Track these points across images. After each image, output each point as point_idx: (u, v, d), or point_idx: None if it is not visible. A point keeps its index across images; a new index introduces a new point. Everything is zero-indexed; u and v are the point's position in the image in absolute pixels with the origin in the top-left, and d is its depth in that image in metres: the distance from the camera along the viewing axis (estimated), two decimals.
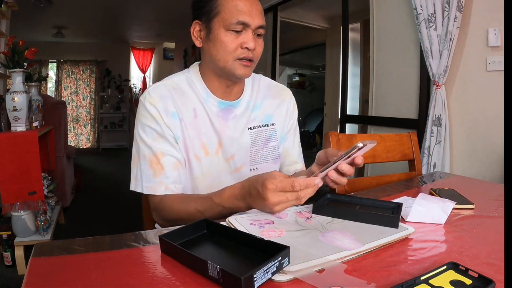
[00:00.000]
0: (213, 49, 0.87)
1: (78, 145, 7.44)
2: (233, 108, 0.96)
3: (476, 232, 0.71)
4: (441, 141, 2.02)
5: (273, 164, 1.02)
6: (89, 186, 4.19)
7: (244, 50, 0.85)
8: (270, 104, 1.03)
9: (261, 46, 0.89)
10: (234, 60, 0.86)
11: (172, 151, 0.89)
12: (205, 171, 0.92)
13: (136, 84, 8.05)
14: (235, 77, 0.90)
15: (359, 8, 3.15)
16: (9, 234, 2.13)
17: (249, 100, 0.99)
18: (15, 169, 2.02)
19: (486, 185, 1.20)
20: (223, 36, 0.84)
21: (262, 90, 1.03)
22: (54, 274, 0.52)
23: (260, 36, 0.89)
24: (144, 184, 0.88)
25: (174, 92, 0.91)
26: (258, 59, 0.91)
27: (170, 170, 0.88)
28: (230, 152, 0.95)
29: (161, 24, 6.26)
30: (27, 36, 5.62)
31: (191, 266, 0.53)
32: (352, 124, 3.38)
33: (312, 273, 0.51)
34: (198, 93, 0.93)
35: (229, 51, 0.85)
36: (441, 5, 1.94)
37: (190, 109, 0.91)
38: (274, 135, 1.02)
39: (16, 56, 2.05)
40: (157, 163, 0.87)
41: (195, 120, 0.92)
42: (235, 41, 0.85)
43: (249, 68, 0.89)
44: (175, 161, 0.89)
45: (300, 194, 0.66)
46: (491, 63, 1.89)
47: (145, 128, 0.89)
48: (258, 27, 0.86)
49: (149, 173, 0.88)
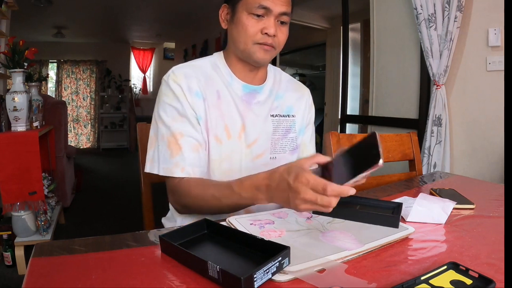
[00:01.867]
0: (235, 31, 0.88)
1: (79, 145, 7.44)
2: (257, 93, 0.96)
3: (476, 232, 0.71)
4: (441, 141, 2.01)
5: (290, 155, 1.01)
6: (90, 186, 4.19)
7: (264, 36, 0.85)
8: (291, 96, 1.03)
9: (284, 34, 0.89)
10: (253, 44, 0.86)
11: (193, 132, 0.86)
12: (224, 155, 0.90)
13: (137, 84, 8.06)
14: (254, 61, 0.89)
15: (359, 8, 3.15)
16: (10, 234, 2.13)
17: (272, 89, 1.00)
18: (16, 169, 2.01)
19: (486, 185, 1.20)
20: (244, 19, 0.85)
21: (284, 82, 1.04)
22: (55, 274, 0.52)
23: (284, 23, 0.88)
24: (161, 165, 0.86)
25: (199, 73, 0.91)
26: (281, 47, 0.90)
27: (188, 151, 0.85)
28: (253, 136, 0.93)
29: (161, 24, 6.26)
30: (27, 36, 5.63)
31: (191, 266, 0.53)
32: (352, 124, 3.38)
33: (312, 273, 0.51)
34: (222, 76, 0.93)
35: (249, 34, 0.85)
36: (441, 5, 1.94)
37: (213, 90, 0.91)
38: (294, 126, 1.02)
39: (16, 56, 2.05)
40: (175, 143, 0.85)
41: (218, 101, 0.90)
42: (256, 26, 0.85)
43: (268, 52, 0.88)
44: (195, 142, 0.86)
45: (332, 201, 0.59)
46: (491, 63, 1.88)
47: (166, 107, 0.87)
48: (281, 13, 0.85)
49: (166, 154, 0.85)
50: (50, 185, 2.46)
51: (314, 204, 0.60)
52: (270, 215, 0.77)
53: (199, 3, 4.66)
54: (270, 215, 0.77)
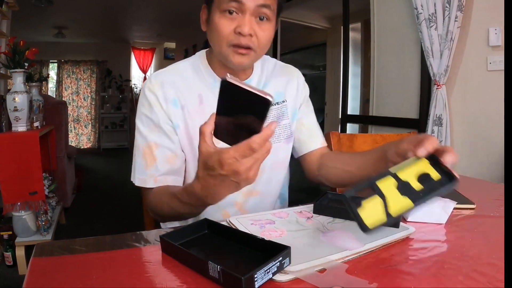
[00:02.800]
0: (210, 34, 0.81)
1: (79, 145, 7.45)
2: None
3: (477, 232, 0.71)
4: (441, 141, 2.01)
5: (285, 144, 0.96)
6: (90, 186, 4.19)
7: (237, 36, 0.75)
8: (279, 82, 0.96)
9: (266, 32, 0.77)
10: (228, 46, 0.77)
11: (168, 142, 0.84)
12: None
13: (137, 84, 8.06)
14: (232, 66, 0.80)
15: (359, 8, 3.15)
16: (10, 234, 2.13)
17: (259, 80, 0.93)
18: (16, 169, 2.02)
19: (487, 185, 1.20)
20: (217, 18, 0.76)
21: (270, 69, 0.98)
22: (55, 274, 0.52)
23: (266, 19, 0.77)
24: (137, 175, 0.85)
25: (178, 79, 0.86)
26: (264, 48, 0.80)
27: (162, 163, 0.83)
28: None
29: (162, 24, 6.26)
30: (28, 36, 5.62)
31: (192, 266, 0.53)
32: (353, 124, 3.38)
33: (313, 273, 0.51)
34: (204, 79, 0.88)
35: (222, 35, 0.76)
36: (442, 4, 1.94)
37: (194, 95, 0.86)
38: (286, 112, 0.96)
39: (17, 56, 2.06)
40: (150, 154, 0.84)
41: (200, 106, 0.86)
42: (229, 25, 0.75)
43: (245, 56, 0.78)
44: (170, 154, 0.84)
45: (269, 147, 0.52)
46: (491, 63, 1.88)
47: (142, 117, 0.86)
48: (259, 6, 0.74)
49: (142, 164, 0.85)
50: (50, 185, 2.47)
51: (257, 162, 0.53)
52: (271, 215, 0.76)
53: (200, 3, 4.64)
54: (271, 215, 0.76)
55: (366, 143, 1.28)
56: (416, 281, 0.51)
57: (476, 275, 0.52)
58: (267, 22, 0.78)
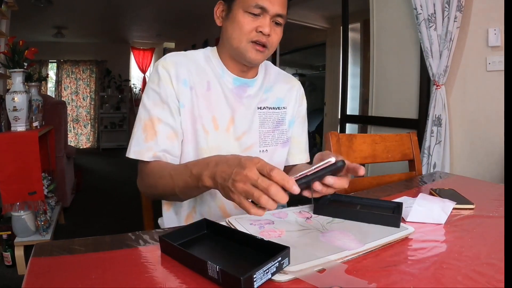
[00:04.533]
0: (229, 28, 0.88)
1: (78, 145, 7.44)
2: (247, 86, 0.96)
3: (476, 232, 0.71)
4: (441, 141, 2.02)
5: (281, 147, 1.02)
6: (89, 186, 4.19)
7: (259, 34, 0.86)
8: (281, 88, 1.04)
9: (278, 35, 0.89)
10: (247, 42, 0.87)
11: (170, 120, 0.87)
12: (211, 145, 0.90)
13: (136, 84, 8.05)
14: (246, 61, 0.90)
15: (359, 8, 3.15)
16: (9, 234, 2.13)
17: (263, 82, 1.00)
18: (15, 169, 2.01)
19: (486, 185, 1.20)
20: (240, 16, 0.85)
21: (273, 74, 1.05)
22: (54, 274, 0.52)
23: (279, 25, 0.89)
24: (133, 148, 0.86)
25: (191, 62, 0.92)
26: (274, 48, 0.91)
27: (162, 138, 0.86)
28: (242, 129, 0.94)
29: (161, 24, 6.26)
30: (27, 36, 5.62)
31: (191, 266, 0.53)
32: (352, 124, 3.38)
33: (312, 273, 0.51)
34: (214, 68, 0.94)
35: (244, 32, 0.86)
36: (441, 5, 1.94)
37: (204, 81, 0.92)
38: (284, 118, 1.03)
39: (16, 56, 2.05)
40: (151, 127, 0.86)
41: (207, 92, 0.91)
42: (251, 24, 0.85)
43: (261, 53, 0.88)
44: (171, 131, 0.87)
45: (271, 187, 0.55)
46: (491, 63, 1.88)
47: (149, 92, 0.89)
48: (277, 15, 0.86)
49: (141, 137, 0.86)
50: (50, 185, 2.46)
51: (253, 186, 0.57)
52: (270, 215, 0.77)
53: (199, 3, 4.65)
54: (270, 215, 0.77)
55: (365, 143, 1.28)
56: (415, 281, 0.51)
57: (475, 275, 0.53)
58: (279, 27, 0.90)
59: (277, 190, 0.56)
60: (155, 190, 0.84)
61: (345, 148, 1.22)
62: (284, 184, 0.56)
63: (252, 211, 0.58)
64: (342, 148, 1.21)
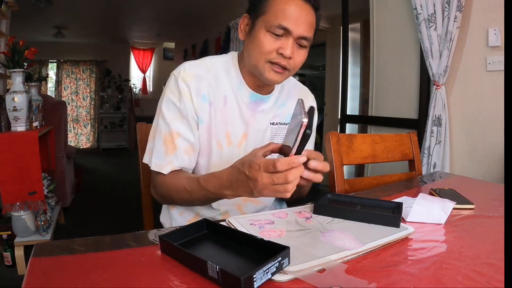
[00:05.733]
0: (250, 46, 0.85)
1: (78, 145, 7.44)
2: (263, 102, 0.95)
3: (476, 232, 0.71)
4: (441, 141, 2.01)
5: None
6: (89, 186, 4.19)
7: (279, 56, 0.82)
8: (294, 103, 1.01)
9: (301, 57, 0.85)
10: (265, 62, 0.83)
11: (189, 135, 0.88)
12: (224, 161, 0.90)
13: (136, 84, 8.06)
14: (264, 80, 0.87)
15: (359, 8, 3.15)
16: (9, 234, 2.13)
17: (278, 97, 0.98)
18: (15, 169, 2.01)
19: (486, 185, 1.20)
20: (262, 35, 0.82)
21: (288, 88, 1.02)
22: (54, 274, 0.52)
23: (303, 47, 0.85)
24: (154, 160, 0.88)
25: (210, 75, 0.89)
26: (296, 69, 0.88)
27: (182, 153, 0.87)
28: (253, 145, 0.93)
29: (161, 24, 6.26)
30: (27, 36, 5.63)
31: (191, 266, 0.53)
32: (352, 124, 3.38)
33: (313, 273, 0.51)
34: (232, 80, 0.92)
35: (264, 51, 0.82)
36: (441, 5, 1.94)
37: (221, 95, 0.90)
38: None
39: (16, 56, 2.05)
40: (171, 142, 0.87)
41: (224, 107, 0.90)
42: (273, 44, 0.82)
43: (280, 75, 0.85)
44: (189, 146, 0.88)
45: (288, 176, 0.60)
46: (491, 63, 1.88)
47: (169, 104, 0.88)
48: (301, 37, 0.82)
49: (161, 150, 0.87)
50: (49, 185, 2.46)
51: (274, 185, 0.62)
52: (270, 215, 0.77)
53: (199, 3, 4.66)
54: (270, 215, 0.77)
55: (365, 143, 1.28)
56: (415, 281, 0.51)
57: (475, 275, 0.53)
58: (304, 49, 0.86)
59: (293, 175, 0.61)
60: (170, 200, 0.89)
61: (345, 148, 1.22)
62: (291, 166, 0.61)
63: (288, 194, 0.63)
64: (342, 148, 1.21)
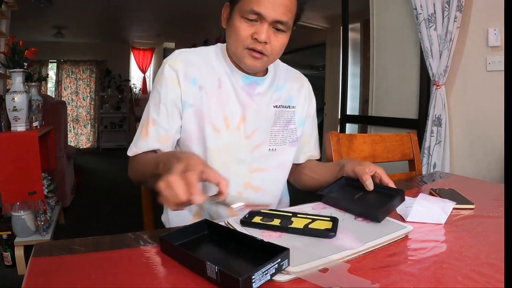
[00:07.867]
0: (229, 33, 0.86)
1: (78, 145, 7.43)
2: (257, 84, 0.94)
3: (476, 232, 0.71)
4: (441, 141, 2.02)
5: (290, 147, 1.00)
6: (89, 186, 4.19)
7: (254, 41, 0.82)
8: (292, 87, 1.02)
9: (279, 42, 0.84)
10: (243, 49, 0.84)
11: (164, 122, 0.88)
12: (221, 145, 0.90)
13: (136, 84, 8.05)
14: (243, 66, 0.88)
15: (359, 8, 3.15)
16: (9, 234, 2.13)
17: (272, 80, 0.98)
18: (15, 169, 2.01)
19: (486, 185, 1.20)
20: (237, 22, 0.82)
21: (283, 72, 1.02)
22: (54, 274, 0.52)
23: (281, 31, 0.84)
24: (131, 144, 0.91)
25: (201, 60, 0.90)
26: (276, 55, 0.87)
27: (153, 141, 0.88)
28: (252, 128, 0.93)
29: (161, 24, 6.26)
30: (27, 36, 5.62)
31: (191, 267, 0.53)
32: (352, 124, 3.39)
33: (315, 272, 0.51)
34: (224, 66, 0.92)
35: (240, 38, 0.83)
36: (441, 5, 1.94)
37: (215, 78, 0.90)
38: (293, 117, 1.00)
39: (16, 56, 2.05)
40: (146, 128, 0.89)
41: (219, 90, 0.90)
42: (248, 30, 0.82)
43: (259, 60, 0.85)
44: (164, 134, 0.88)
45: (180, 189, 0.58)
46: (491, 63, 1.88)
47: (153, 91, 0.90)
48: (276, 21, 0.81)
49: (138, 135, 0.90)
50: (49, 185, 2.46)
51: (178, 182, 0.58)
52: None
53: (199, 3, 4.65)
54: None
55: (365, 143, 1.28)
56: (415, 281, 0.51)
57: (475, 275, 0.53)
58: (282, 34, 0.85)
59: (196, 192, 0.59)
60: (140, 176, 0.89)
61: (345, 148, 1.22)
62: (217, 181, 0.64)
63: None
64: (342, 148, 1.21)
